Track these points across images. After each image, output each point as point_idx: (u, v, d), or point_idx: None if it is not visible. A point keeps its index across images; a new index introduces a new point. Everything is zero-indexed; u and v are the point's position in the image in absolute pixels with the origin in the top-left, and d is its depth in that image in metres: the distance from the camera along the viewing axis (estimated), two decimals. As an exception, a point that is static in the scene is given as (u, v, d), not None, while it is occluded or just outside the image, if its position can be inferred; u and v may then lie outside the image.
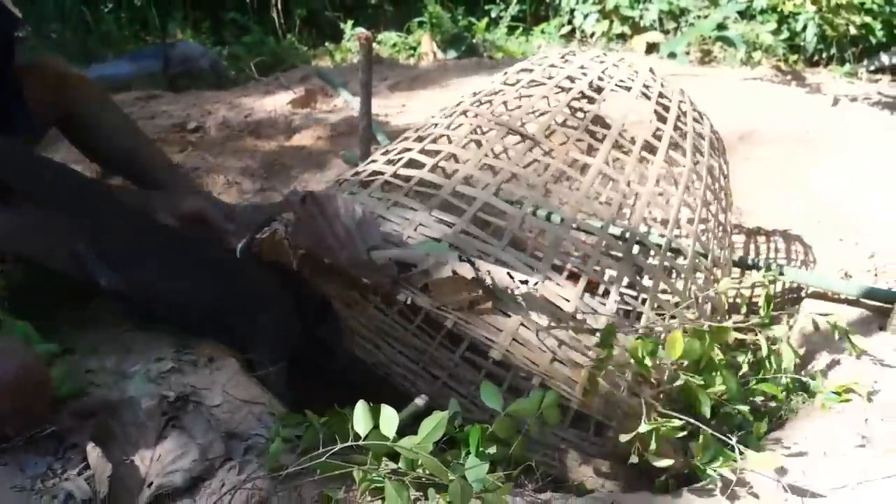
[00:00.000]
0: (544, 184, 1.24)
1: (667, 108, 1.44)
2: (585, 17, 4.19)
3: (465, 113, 1.39)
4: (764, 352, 1.34)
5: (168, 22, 4.46)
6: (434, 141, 1.31)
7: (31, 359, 1.04)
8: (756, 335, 1.33)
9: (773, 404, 1.38)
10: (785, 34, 3.85)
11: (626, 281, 1.63)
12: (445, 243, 1.08)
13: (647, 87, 1.49)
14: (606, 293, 1.36)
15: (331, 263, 1.10)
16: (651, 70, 1.58)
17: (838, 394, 1.31)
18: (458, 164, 1.24)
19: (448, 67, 3.55)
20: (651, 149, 1.36)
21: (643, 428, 1.06)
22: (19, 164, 1.21)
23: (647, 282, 1.53)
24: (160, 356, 1.22)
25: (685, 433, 1.11)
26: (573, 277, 1.37)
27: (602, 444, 1.29)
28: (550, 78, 1.45)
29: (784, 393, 1.37)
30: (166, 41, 3.98)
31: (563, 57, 1.58)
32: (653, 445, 1.07)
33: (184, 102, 2.98)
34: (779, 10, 3.56)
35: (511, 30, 4.41)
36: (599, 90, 1.42)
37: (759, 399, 1.41)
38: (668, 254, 1.30)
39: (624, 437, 1.07)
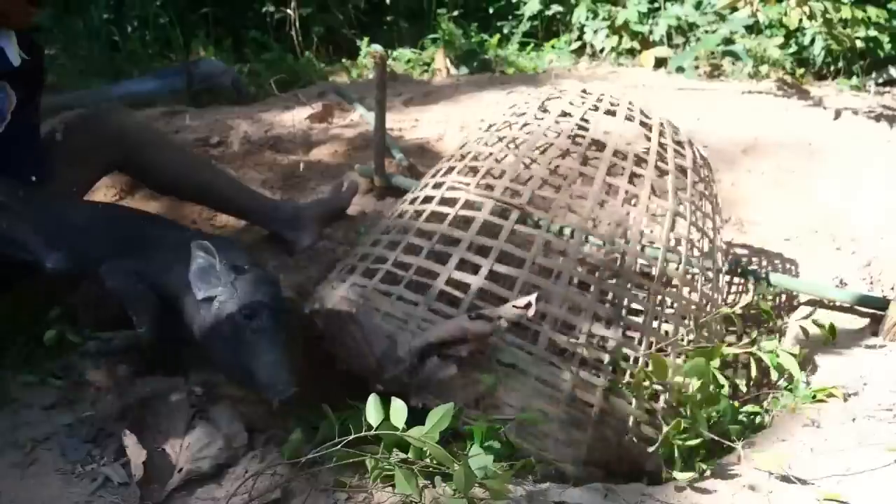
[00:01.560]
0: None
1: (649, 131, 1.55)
2: (595, 32, 4.27)
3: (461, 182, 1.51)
4: (752, 373, 1.42)
5: (191, 40, 4.60)
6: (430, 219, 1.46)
7: None
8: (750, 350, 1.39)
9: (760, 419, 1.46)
10: (793, 48, 3.91)
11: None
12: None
13: (629, 118, 1.60)
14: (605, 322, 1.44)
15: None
16: (630, 103, 1.69)
17: (815, 395, 1.39)
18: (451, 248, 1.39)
19: (461, 83, 3.64)
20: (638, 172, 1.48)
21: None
22: None
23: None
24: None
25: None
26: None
27: (602, 450, 1.36)
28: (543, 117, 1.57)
29: (778, 398, 1.45)
30: (190, 59, 4.11)
31: (547, 99, 1.69)
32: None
33: (206, 118, 3.09)
34: (785, 24, 3.63)
35: (523, 46, 4.50)
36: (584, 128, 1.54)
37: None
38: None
39: (650, 449, 1.19)
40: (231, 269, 1.30)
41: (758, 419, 1.49)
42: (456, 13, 4.68)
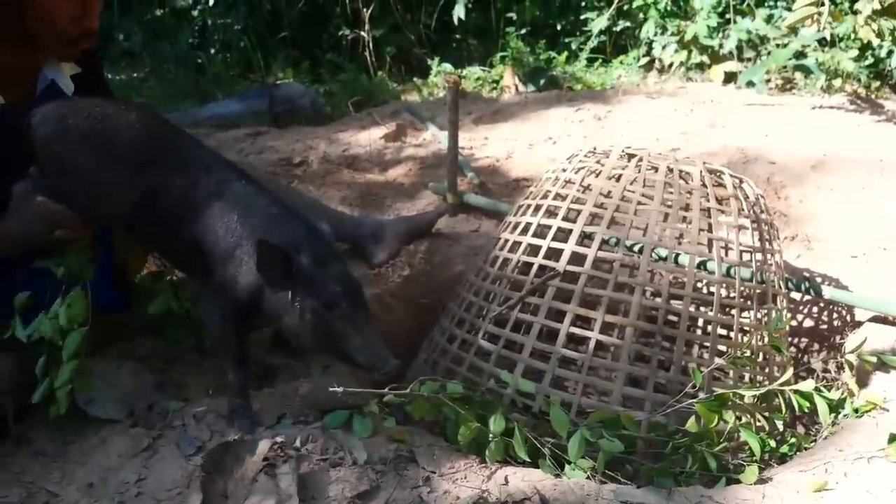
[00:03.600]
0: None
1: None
2: (664, 47, 4.30)
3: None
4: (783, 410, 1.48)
5: (271, 63, 4.85)
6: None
7: None
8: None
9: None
10: (869, 60, 3.85)
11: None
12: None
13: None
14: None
15: None
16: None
17: (857, 410, 1.44)
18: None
19: (528, 100, 3.73)
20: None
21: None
22: None
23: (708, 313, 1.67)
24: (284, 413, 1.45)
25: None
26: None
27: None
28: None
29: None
30: (271, 83, 4.35)
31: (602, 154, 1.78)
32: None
33: (287, 138, 3.29)
34: (860, 37, 3.59)
35: (590, 62, 4.56)
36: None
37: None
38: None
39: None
40: (298, 258, 1.30)
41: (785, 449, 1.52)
42: (524, 31, 4.78)
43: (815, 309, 2.05)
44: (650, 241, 1.55)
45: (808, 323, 2.03)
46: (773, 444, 1.46)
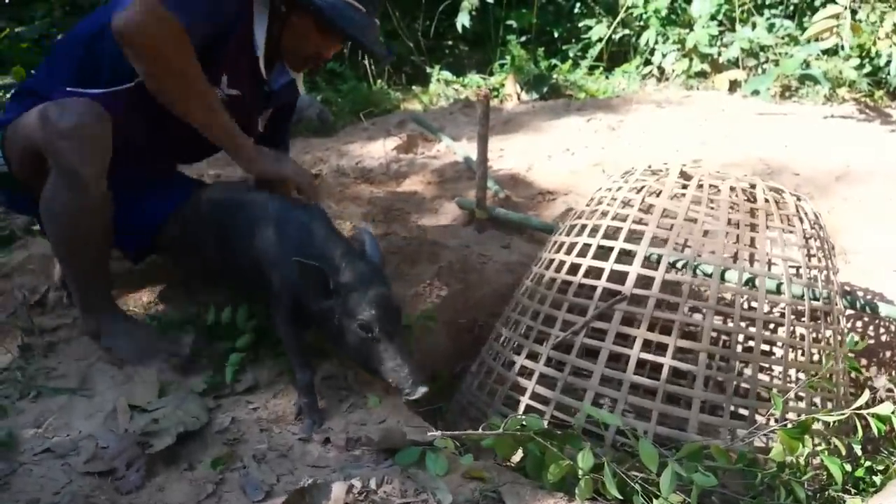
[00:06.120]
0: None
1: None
2: (665, 55, 4.30)
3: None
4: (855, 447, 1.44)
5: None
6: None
7: None
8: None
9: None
10: (868, 69, 3.89)
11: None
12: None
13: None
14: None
15: None
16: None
17: None
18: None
19: (536, 110, 3.69)
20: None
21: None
22: None
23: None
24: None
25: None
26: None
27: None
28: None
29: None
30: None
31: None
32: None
33: (296, 150, 3.19)
34: (863, 46, 3.62)
35: (591, 69, 4.54)
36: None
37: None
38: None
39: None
40: (338, 275, 1.37)
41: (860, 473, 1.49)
42: (523, 39, 4.75)
43: (858, 323, 2.04)
44: (719, 262, 1.51)
45: (854, 338, 2.01)
46: (848, 468, 1.43)
